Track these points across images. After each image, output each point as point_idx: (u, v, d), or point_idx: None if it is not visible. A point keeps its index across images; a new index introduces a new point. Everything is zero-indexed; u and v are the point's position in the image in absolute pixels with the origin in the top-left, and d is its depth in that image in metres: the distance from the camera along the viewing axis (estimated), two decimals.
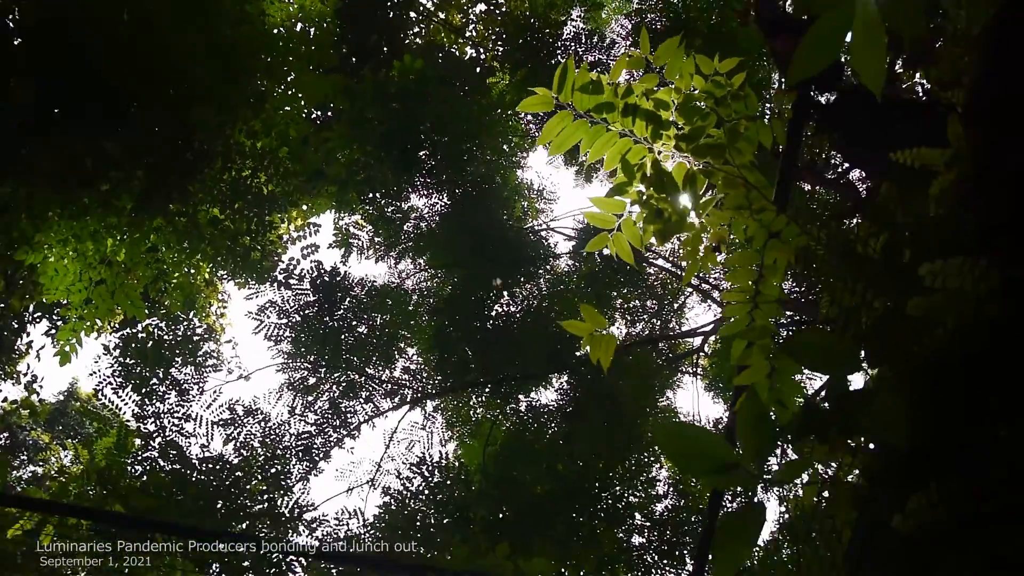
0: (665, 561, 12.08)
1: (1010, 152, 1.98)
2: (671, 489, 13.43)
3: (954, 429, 1.97)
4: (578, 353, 13.50)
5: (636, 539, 12.48)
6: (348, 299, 14.08)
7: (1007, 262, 1.83)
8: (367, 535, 11.36)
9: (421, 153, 13.35)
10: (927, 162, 2.36)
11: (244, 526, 10.84)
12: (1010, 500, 1.66)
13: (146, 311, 11.22)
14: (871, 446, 2.67)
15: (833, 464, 3.01)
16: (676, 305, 17.31)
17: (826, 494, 3.33)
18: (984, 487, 1.76)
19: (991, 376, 1.83)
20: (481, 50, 16.54)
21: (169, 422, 12.11)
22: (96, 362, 12.39)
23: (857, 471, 2.89)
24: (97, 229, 8.99)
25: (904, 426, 2.13)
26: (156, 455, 11.33)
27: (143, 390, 12.11)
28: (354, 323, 14.20)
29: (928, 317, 2.02)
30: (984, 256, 1.85)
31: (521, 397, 14.63)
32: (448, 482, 11.72)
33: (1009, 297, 1.80)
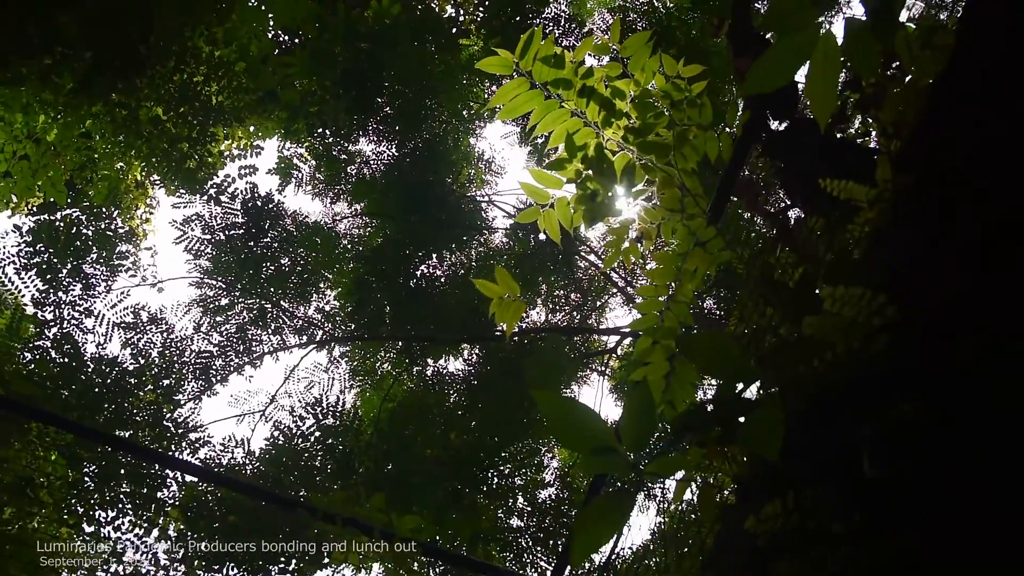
0: (539, 548, 12.24)
1: (934, 200, 2.07)
2: (557, 479, 13.63)
3: (818, 450, 2.05)
4: (496, 332, 13.56)
5: (515, 521, 12.63)
6: (276, 229, 13.87)
7: (907, 303, 1.91)
8: (249, 464, 11.28)
9: (379, 99, 13.19)
10: (853, 196, 2.44)
11: (127, 433, 10.65)
12: (854, 522, 1.75)
13: (68, 199, 10.87)
14: (745, 457, 2.77)
15: (709, 469, 3.11)
16: (599, 302, 17.51)
17: (696, 498, 3.44)
18: (835, 506, 1.84)
19: (860, 407, 1.92)
20: (461, 11, 16.38)
21: (69, 314, 11.76)
22: (3, 239, 11.94)
23: (730, 480, 2.99)
24: (30, 102, 8.65)
25: (778, 441, 2.21)
26: (49, 345, 11.01)
27: (48, 276, 11.72)
28: (278, 254, 14.00)
29: (819, 341, 2.10)
30: (886, 293, 1.93)
31: (429, 360, 14.66)
32: (340, 428, 11.69)
33: (898, 337, 1.88)
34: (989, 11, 2.05)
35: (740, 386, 2.39)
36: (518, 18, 14.47)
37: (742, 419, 2.33)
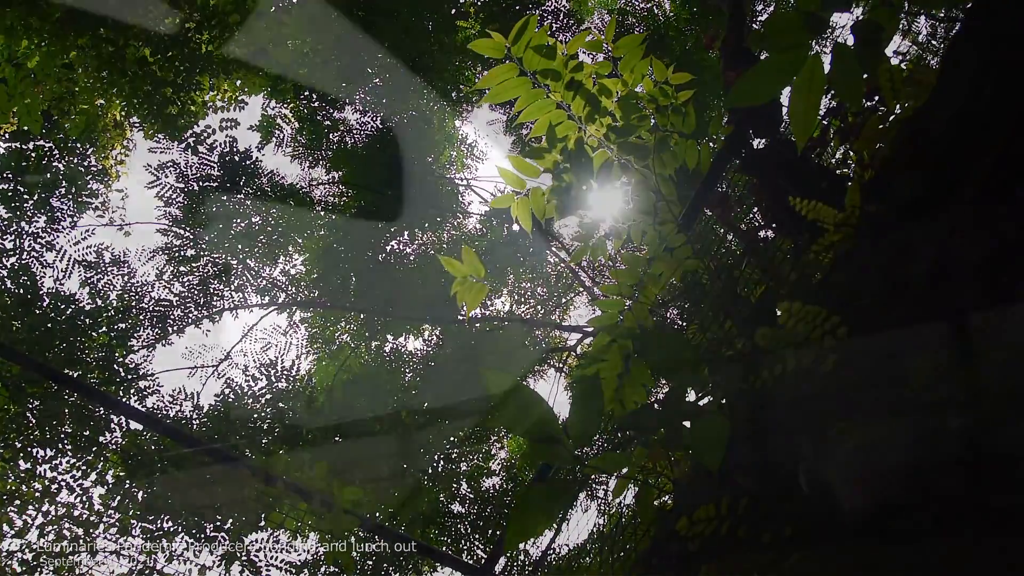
0: (478, 536, 12.26)
1: (896, 233, 2.11)
2: (503, 470, 13.67)
3: (758, 462, 2.09)
4: (459, 316, 13.56)
5: (457, 507, 12.64)
6: (251, 186, 13.74)
7: (859, 326, 1.95)
8: (196, 419, 11.20)
9: (369, 70, 13.12)
10: (820, 217, 2.48)
11: (76, 373, 10.52)
12: (784, 534, 1.79)
13: (43, 129, 10.68)
14: (686, 461, 2.81)
15: (651, 470, 3.15)
16: (564, 299, 17.54)
17: (635, 499, 3.48)
18: (767, 516, 1.88)
19: (803, 424, 1.96)
20: None
21: (30, 246, 11.55)
22: None
23: (670, 485, 3.03)
24: (15, 25, 8.44)
25: (721, 450, 2.25)
26: (4, 274, 10.82)
27: (12, 205, 11.50)
28: (249, 211, 13.87)
29: (771, 355, 2.13)
30: (841, 315, 1.97)
31: (389, 336, 14.63)
32: (292, 393, 11.65)
33: (847, 358, 1.92)
34: (961, 63, 2.09)
35: (690, 391, 2.42)
36: (518, 7, 14.44)
37: (688, 424, 2.36)
